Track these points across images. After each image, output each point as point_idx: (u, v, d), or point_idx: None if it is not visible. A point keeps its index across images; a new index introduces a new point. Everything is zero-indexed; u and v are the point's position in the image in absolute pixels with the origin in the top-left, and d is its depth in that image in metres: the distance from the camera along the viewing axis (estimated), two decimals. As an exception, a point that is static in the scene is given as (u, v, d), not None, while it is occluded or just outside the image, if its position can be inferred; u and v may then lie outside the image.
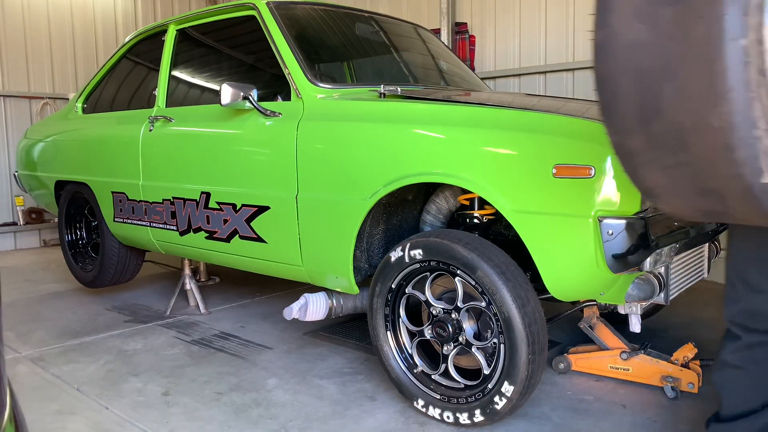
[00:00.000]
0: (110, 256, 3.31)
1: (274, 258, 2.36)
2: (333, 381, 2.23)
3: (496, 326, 1.75)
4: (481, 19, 4.65)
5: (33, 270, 4.45)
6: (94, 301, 3.46)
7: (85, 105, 3.57)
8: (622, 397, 2.07)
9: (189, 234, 2.69)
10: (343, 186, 2.04)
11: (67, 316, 3.16)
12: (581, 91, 4.15)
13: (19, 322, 3.06)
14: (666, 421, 1.89)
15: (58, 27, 5.51)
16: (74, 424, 1.94)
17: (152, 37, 3.17)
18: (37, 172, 3.80)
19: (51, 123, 3.83)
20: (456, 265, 1.78)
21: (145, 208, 2.90)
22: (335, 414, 1.97)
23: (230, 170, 2.44)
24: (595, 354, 2.24)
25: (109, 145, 3.14)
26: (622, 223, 1.56)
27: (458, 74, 3.04)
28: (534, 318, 1.70)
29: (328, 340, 2.69)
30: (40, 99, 5.40)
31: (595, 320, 2.28)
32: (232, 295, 3.52)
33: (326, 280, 2.23)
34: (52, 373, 2.36)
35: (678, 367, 2.08)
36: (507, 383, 1.71)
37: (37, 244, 5.52)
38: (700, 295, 3.31)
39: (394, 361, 2.00)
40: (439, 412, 1.88)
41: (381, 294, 2.00)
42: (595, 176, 1.57)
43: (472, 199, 2.02)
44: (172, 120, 2.79)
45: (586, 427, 1.87)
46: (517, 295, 1.69)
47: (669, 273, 1.90)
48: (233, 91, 2.21)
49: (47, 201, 3.85)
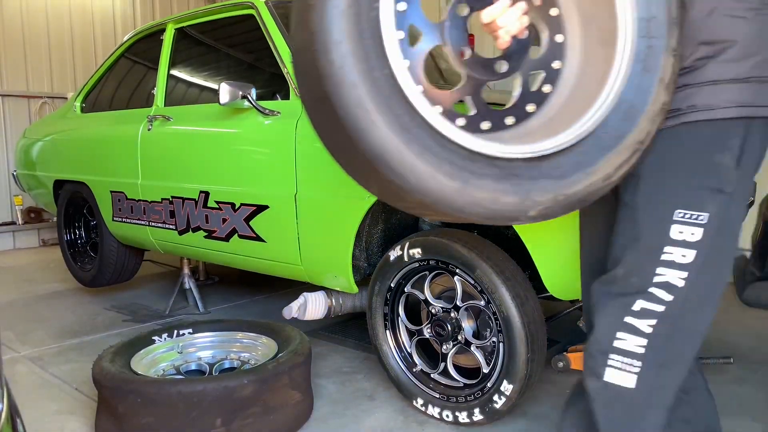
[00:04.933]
0: (109, 256, 3.30)
1: (273, 257, 2.36)
2: (332, 380, 2.23)
3: (495, 325, 1.75)
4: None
5: (32, 269, 4.44)
6: (93, 301, 3.45)
7: (84, 104, 3.57)
8: (621, 395, 2.06)
9: (188, 233, 2.68)
10: (342, 185, 2.04)
11: (66, 316, 3.16)
12: (580, 90, 4.14)
13: (18, 322, 3.06)
14: (665, 419, 1.89)
15: (57, 26, 5.50)
16: (73, 423, 1.93)
17: (151, 36, 3.16)
18: (35, 171, 3.79)
19: (49, 122, 3.83)
20: (455, 264, 1.78)
21: (144, 207, 2.90)
22: (334, 413, 1.97)
23: (229, 169, 2.43)
24: (594, 353, 2.23)
25: (108, 144, 3.13)
26: (621, 221, 1.56)
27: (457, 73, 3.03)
28: (533, 317, 1.70)
29: (327, 339, 2.69)
30: (39, 98, 5.40)
31: (594, 319, 2.27)
32: (231, 295, 3.51)
33: (325, 279, 2.23)
34: (51, 373, 2.35)
35: (677, 366, 2.08)
36: (506, 382, 1.71)
37: (36, 243, 5.51)
38: (699, 293, 3.31)
39: (393, 360, 2.00)
40: (439, 411, 1.88)
41: (380, 293, 2.00)
42: (593, 175, 1.56)
43: (471, 198, 2.02)
44: (170, 119, 2.78)
45: (585, 425, 1.87)
46: (516, 294, 1.69)
47: (668, 271, 1.90)
48: (232, 90, 2.21)
49: (46, 200, 3.84)
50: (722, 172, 0.96)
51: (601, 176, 0.99)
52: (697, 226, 0.97)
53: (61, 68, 5.55)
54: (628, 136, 1.00)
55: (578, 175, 0.99)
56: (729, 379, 2.17)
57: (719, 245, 0.99)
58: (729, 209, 0.98)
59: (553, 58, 1.09)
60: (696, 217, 0.97)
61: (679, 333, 1.02)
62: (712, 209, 0.97)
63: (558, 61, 1.09)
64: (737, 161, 0.97)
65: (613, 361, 1.03)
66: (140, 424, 1.66)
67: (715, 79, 0.98)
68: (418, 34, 1.03)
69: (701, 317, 1.04)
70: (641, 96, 1.00)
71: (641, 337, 1.01)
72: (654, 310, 1.00)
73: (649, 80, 1.00)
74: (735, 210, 1.00)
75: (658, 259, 1.00)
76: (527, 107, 1.08)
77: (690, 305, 1.01)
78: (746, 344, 2.52)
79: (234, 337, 2.15)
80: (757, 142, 0.98)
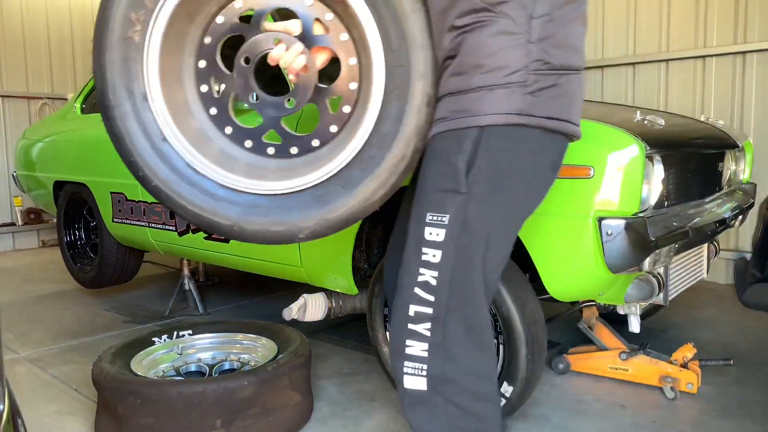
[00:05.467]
0: (109, 257, 3.30)
1: (273, 258, 2.35)
2: (332, 381, 2.23)
3: (495, 327, 1.75)
4: (480, 20, 4.64)
5: (31, 270, 4.44)
6: (92, 302, 3.45)
7: (84, 105, 3.57)
8: (622, 397, 2.06)
9: (188, 234, 2.68)
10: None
11: (65, 317, 3.15)
12: (580, 92, 4.14)
13: (18, 323, 3.06)
14: (665, 421, 1.89)
15: (57, 27, 5.50)
16: (73, 424, 1.93)
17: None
18: (35, 172, 3.79)
19: (49, 123, 3.83)
20: (455, 266, 1.78)
21: (144, 208, 2.89)
22: (334, 414, 1.97)
23: (229, 170, 2.43)
24: (594, 354, 2.23)
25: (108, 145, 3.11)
26: (622, 223, 1.56)
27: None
28: (533, 318, 1.70)
29: (327, 340, 2.68)
30: (39, 99, 5.40)
31: (594, 320, 2.28)
32: (231, 296, 3.51)
33: (325, 281, 2.22)
34: (51, 374, 2.35)
35: (677, 368, 2.08)
36: (506, 384, 1.71)
37: (36, 244, 5.51)
38: (699, 295, 3.31)
39: (393, 361, 2.00)
40: (439, 413, 1.88)
41: (380, 294, 1.99)
42: (594, 176, 1.57)
43: (471, 199, 2.02)
44: (170, 120, 2.78)
45: (585, 427, 1.86)
46: (517, 296, 1.69)
47: (668, 273, 1.90)
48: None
49: (46, 201, 3.84)
50: (455, 174, 1.03)
51: (361, 200, 1.14)
52: (441, 227, 1.04)
53: (61, 69, 5.55)
54: (383, 162, 1.11)
55: (340, 200, 1.14)
56: (729, 381, 2.17)
57: (463, 244, 1.04)
58: (468, 209, 1.03)
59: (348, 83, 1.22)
60: (440, 219, 1.04)
61: (451, 332, 1.06)
62: (451, 210, 1.03)
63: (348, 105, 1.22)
64: (468, 163, 1.02)
65: (407, 367, 1.09)
66: (140, 425, 1.66)
67: (451, 90, 1.05)
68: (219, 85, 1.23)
69: (468, 312, 1.07)
70: (393, 123, 1.10)
71: (423, 341, 1.07)
72: (424, 312, 1.06)
73: (400, 107, 1.10)
74: (476, 210, 1.04)
75: (420, 259, 1.07)
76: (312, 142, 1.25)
77: (452, 303, 1.06)
78: (746, 346, 2.52)
79: (234, 338, 2.15)
80: (492, 144, 1.03)
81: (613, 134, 1.61)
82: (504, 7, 1.00)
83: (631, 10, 3.87)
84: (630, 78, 3.90)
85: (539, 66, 1.02)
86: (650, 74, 3.81)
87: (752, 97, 3.47)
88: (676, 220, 1.76)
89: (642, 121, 1.80)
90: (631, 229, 1.56)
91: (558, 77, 1.06)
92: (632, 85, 3.89)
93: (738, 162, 2.42)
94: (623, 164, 1.57)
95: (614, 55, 3.96)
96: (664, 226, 1.67)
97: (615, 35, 3.95)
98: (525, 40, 1.01)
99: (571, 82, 1.10)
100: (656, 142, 1.67)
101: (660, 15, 3.76)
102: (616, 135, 1.60)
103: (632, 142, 1.58)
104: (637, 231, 1.57)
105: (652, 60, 3.77)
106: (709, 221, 1.91)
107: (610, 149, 1.57)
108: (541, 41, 1.02)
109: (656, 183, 1.68)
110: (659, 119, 1.83)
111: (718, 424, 1.86)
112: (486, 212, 1.05)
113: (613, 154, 1.57)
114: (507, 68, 1.01)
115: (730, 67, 3.53)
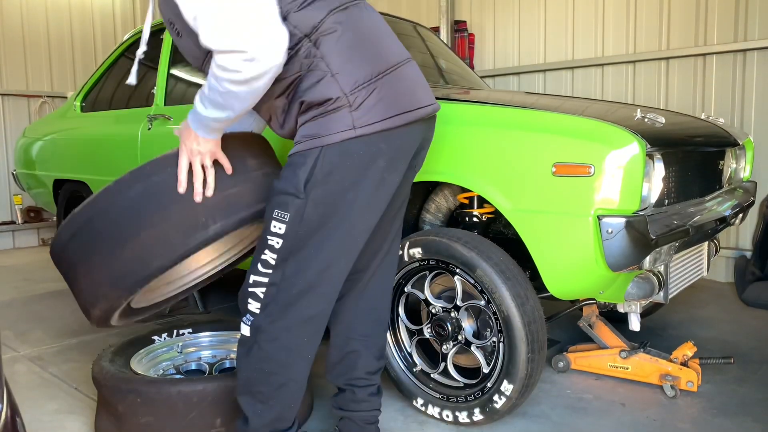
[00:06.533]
0: (109, 255, 3.29)
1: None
2: (332, 380, 2.22)
3: (495, 325, 1.75)
4: (481, 18, 4.64)
5: (31, 269, 4.44)
6: (92, 300, 3.45)
7: (84, 103, 3.56)
8: (622, 395, 2.07)
9: (188, 233, 2.68)
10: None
11: (65, 315, 3.16)
12: (581, 90, 4.15)
13: (18, 321, 3.06)
14: (665, 419, 1.89)
15: (57, 25, 5.50)
16: (73, 423, 1.93)
17: (151, 34, 3.15)
18: (35, 170, 3.79)
19: (49, 121, 3.83)
20: (455, 264, 1.78)
21: (144, 206, 2.89)
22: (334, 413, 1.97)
23: (229, 169, 2.43)
24: (594, 352, 2.24)
25: (108, 143, 3.13)
26: (622, 221, 1.56)
27: (457, 73, 3.03)
28: (533, 317, 1.70)
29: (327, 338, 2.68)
30: (39, 97, 5.39)
31: (594, 319, 2.28)
32: (232, 294, 3.51)
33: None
34: (51, 373, 2.35)
35: (677, 366, 2.08)
36: (506, 382, 1.71)
37: (36, 242, 5.51)
38: (700, 293, 3.31)
39: (393, 359, 2.00)
40: (439, 411, 1.88)
41: (380, 293, 1.99)
42: (594, 175, 1.56)
43: (471, 197, 2.02)
44: (170, 119, 2.78)
45: (585, 425, 1.87)
46: (517, 294, 1.69)
47: (668, 271, 1.90)
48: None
49: (45, 200, 3.84)
50: (297, 183, 1.30)
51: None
52: (282, 222, 1.33)
53: (61, 67, 5.55)
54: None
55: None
56: (729, 379, 2.17)
57: (301, 236, 1.33)
58: (306, 210, 1.31)
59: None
60: (283, 216, 1.33)
61: (278, 299, 1.37)
62: (292, 210, 1.32)
63: None
64: (309, 174, 1.30)
65: (246, 318, 1.41)
66: (140, 424, 1.66)
67: (301, 122, 1.33)
68: None
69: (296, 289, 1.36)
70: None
71: (257, 301, 1.38)
72: (262, 281, 1.37)
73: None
74: (313, 211, 1.31)
75: (266, 243, 1.36)
76: None
77: (286, 283, 1.36)
78: (747, 344, 2.52)
79: (234, 336, 2.15)
80: (328, 159, 1.29)
81: (613, 132, 1.61)
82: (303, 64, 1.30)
83: (631, 8, 3.87)
84: (630, 76, 3.90)
85: (352, 87, 1.28)
86: (650, 72, 3.81)
87: (753, 95, 3.46)
88: (677, 219, 1.76)
89: (642, 119, 1.80)
90: (631, 227, 1.56)
91: (373, 84, 1.30)
92: (632, 83, 3.89)
93: (738, 160, 2.42)
94: (623, 162, 1.57)
95: (614, 53, 3.96)
96: (664, 224, 1.67)
97: (615, 33, 3.95)
98: (329, 75, 1.28)
99: (389, 81, 1.33)
100: (656, 141, 1.67)
101: (660, 13, 3.76)
102: (617, 133, 1.60)
103: (632, 140, 1.58)
104: (638, 229, 1.57)
105: (653, 58, 3.77)
106: (709, 219, 1.90)
107: (611, 147, 1.57)
108: (341, 70, 1.28)
109: (656, 181, 1.68)
110: (659, 117, 1.82)
111: (718, 423, 1.86)
112: (319, 213, 1.32)
113: (614, 152, 1.57)
114: (331, 99, 1.28)
115: (730, 65, 3.52)
